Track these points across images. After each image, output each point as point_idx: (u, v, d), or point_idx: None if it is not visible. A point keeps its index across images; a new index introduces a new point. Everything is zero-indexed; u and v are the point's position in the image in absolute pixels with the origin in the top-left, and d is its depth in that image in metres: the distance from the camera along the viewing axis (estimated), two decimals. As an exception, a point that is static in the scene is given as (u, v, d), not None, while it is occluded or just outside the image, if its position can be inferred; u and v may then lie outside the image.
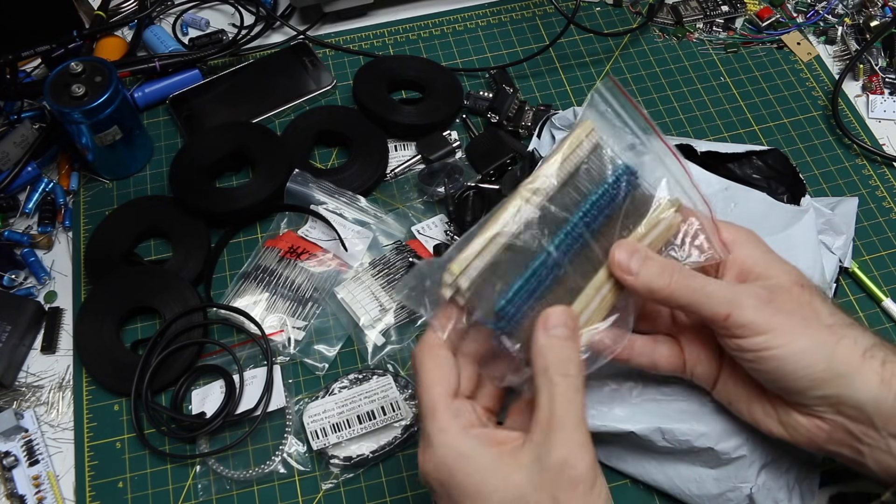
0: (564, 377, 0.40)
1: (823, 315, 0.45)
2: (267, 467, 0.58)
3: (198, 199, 0.68)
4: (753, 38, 0.83)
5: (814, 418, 0.46)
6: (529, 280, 0.43)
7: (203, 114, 0.76)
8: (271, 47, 0.82)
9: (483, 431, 0.41)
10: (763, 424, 0.48)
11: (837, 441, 0.46)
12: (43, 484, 0.58)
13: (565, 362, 0.41)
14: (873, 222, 0.70)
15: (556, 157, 0.45)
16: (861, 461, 0.45)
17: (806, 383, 0.44)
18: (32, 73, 0.80)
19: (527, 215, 0.44)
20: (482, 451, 0.40)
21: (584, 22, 0.83)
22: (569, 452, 0.39)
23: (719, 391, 0.50)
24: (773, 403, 0.47)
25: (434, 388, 0.42)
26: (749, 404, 0.49)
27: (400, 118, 0.74)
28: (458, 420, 0.41)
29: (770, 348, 0.44)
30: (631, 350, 0.49)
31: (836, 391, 0.44)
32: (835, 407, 0.45)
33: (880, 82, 0.79)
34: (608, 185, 0.46)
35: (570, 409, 0.40)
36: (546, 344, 0.41)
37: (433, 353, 0.43)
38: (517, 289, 0.43)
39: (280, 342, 0.63)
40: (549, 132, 0.72)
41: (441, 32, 0.84)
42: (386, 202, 0.72)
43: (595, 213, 0.45)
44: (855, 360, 0.44)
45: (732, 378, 0.49)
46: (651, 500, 0.57)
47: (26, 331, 0.63)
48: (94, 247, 0.67)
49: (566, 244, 0.44)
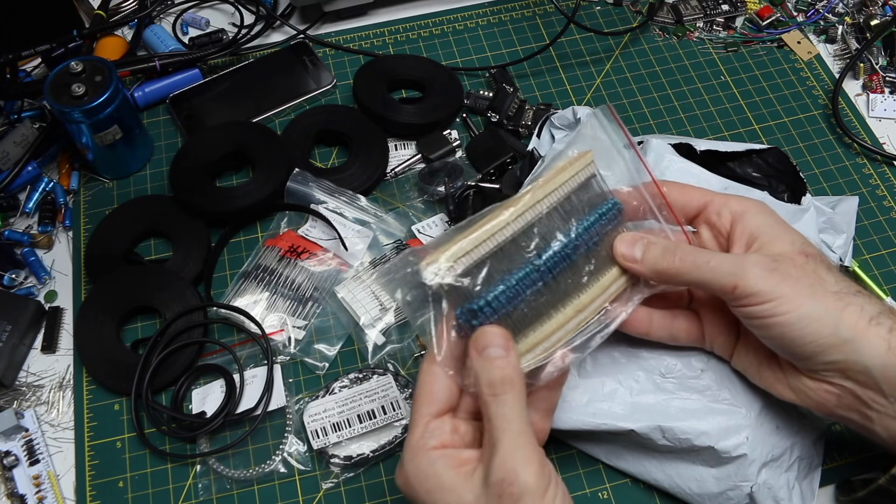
0: (495, 397, 0.42)
1: (829, 282, 0.46)
2: (267, 467, 0.58)
3: (198, 199, 0.68)
4: (754, 36, 0.83)
5: (823, 383, 0.46)
6: (513, 287, 0.44)
7: (203, 113, 0.76)
8: (271, 47, 0.82)
9: (449, 453, 0.43)
10: (775, 389, 0.49)
11: (846, 406, 0.46)
12: (43, 483, 0.58)
13: (497, 383, 0.42)
14: (873, 221, 0.70)
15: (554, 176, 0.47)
16: (870, 427, 0.46)
17: (813, 349, 0.45)
18: (32, 72, 0.80)
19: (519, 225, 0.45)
20: (444, 471, 0.42)
21: (585, 21, 0.83)
22: (506, 469, 0.40)
23: (736, 360, 0.52)
24: (785, 369, 0.48)
25: (419, 406, 0.45)
26: (760, 370, 0.50)
27: (400, 117, 0.74)
28: (431, 440, 0.43)
29: (776, 315, 0.45)
30: (650, 324, 0.51)
31: (843, 357, 0.45)
32: (842, 372, 0.45)
33: (881, 81, 0.79)
34: (599, 214, 0.48)
35: (505, 426, 0.41)
36: (478, 366, 0.43)
37: (430, 370, 0.45)
38: (499, 293, 0.44)
39: (280, 341, 0.63)
40: (549, 131, 0.72)
41: (441, 32, 0.84)
42: (386, 201, 0.72)
43: (586, 238, 0.47)
44: (861, 326, 0.44)
45: (746, 346, 0.51)
46: (651, 499, 0.57)
47: (26, 330, 0.63)
48: (95, 246, 0.67)
49: (553, 261, 0.46)
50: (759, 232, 0.48)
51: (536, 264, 0.45)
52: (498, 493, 0.40)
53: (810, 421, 0.55)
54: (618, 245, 0.48)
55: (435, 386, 0.45)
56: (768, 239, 0.48)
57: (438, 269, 0.43)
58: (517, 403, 0.42)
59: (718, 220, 0.50)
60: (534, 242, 0.46)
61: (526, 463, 0.40)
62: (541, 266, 0.45)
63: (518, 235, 0.45)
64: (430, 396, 0.44)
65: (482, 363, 0.43)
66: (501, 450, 0.41)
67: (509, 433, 0.41)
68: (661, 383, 0.54)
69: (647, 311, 0.51)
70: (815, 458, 0.56)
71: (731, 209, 0.49)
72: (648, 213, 0.51)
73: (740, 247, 0.48)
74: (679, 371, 0.54)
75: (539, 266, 0.45)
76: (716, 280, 0.46)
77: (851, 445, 0.58)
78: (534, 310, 0.46)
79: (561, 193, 0.47)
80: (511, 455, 0.41)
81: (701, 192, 0.51)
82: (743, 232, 0.49)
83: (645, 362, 0.54)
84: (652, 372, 0.54)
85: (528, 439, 0.42)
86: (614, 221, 0.49)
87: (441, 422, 0.44)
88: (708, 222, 0.51)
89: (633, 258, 0.48)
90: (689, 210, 0.51)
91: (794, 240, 0.48)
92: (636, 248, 0.48)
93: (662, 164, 0.61)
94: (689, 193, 0.51)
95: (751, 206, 0.49)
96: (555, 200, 0.47)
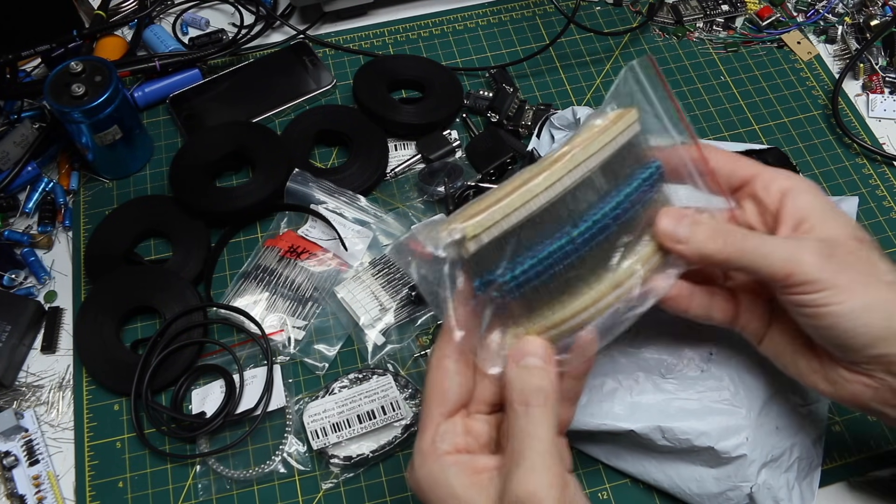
0: (526, 407, 0.40)
1: (883, 272, 0.44)
2: (267, 467, 0.58)
3: (198, 199, 0.68)
4: (753, 37, 0.83)
5: (863, 376, 0.44)
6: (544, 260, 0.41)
7: (203, 113, 0.76)
8: (271, 47, 0.82)
9: (462, 459, 0.41)
10: (808, 379, 0.47)
11: (882, 400, 0.44)
12: (43, 484, 0.58)
13: (530, 392, 0.40)
14: (873, 221, 0.70)
15: (595, 137, 0.42)
16: None
17: (864, 340, 0.43)
18: (32, 72, 0.80)
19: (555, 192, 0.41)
20: (457, 480, 0.40)
21: (584, 21, 0.83)
22: (527, 491, 0.38)
23: (766, 345, 0.49)
24: (821, 359, 0.46)
25: (429, 406, 0.43)
26: (794, 358, 0.47)
27: (400, 118, 0.74)
28: (442, 444, 0.41)
29: (830, 304, 0.42)
30: (690, 301, 0.47)
31: (892, 350, 0.42)
32: (886, 366, 0.43)
33: (880, 81, 0.79)
34: (642, 180, 0.44)
35: (531, 443, 0.39)
36: (514, 375, 0.41)
37: (441, 365, 0.43)
38: (529, 266, 0.41)
39: (280, 342, 0.63)
40: (549, 132, 0.72)
41: (441, 32, 0.84)
42: (386, 202, 0.72)
43: (627, 207, 0.43)
44: None
45: (780, 332, 0.48)
46: (651, 499, 0.57)
47: (26, 330, 0.63)
48: (94, 246, 0.67)
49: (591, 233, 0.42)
50: (809, 212, 0.45)
51: (572, 236, 0.41)
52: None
53: (810, 421, 0.55)
54: (662, 221, 0.44)
55: (446, 383, 0.43)
56: (819, 221, 0.44)
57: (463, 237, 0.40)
58: (547, 420, 0.40)
59: (766, 195, 0.46)
60: (569, 211, 0.41)
61: (549, 487, 0.38)
62: (576, 238, 0.41)
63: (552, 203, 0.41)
64: (441, 395, 0.43)
65: (519, 372, 0.41)
66: (524, 467, 0.39)
67: (535, 451, 0.39)
68: (660, 383, 0.54)
69: (689, 287, 0.47)
70: (815, 459, 0.56)
71: (781, 185, 0.46)
72: (687, 178, 0.46)
73: (788, 227, 0.45)
74: (679, 371, 0.54)
75: (574, 237, 0.41)
76: (768, 266, 0.43)
77: (851, 446, 0.58)
78: (565, 283, 0.42)
79: (601, 157, 0.42)
80: (534, 476, 0.38)
81: (748, 162, 0.48)
82: (792, 211, 0.45)
83: (645, 362, 0.55)
84: (652, 372, 0.54)
85: (555, 460, 0.39)
86: (656, 187, 0.45)
87: (453, 422, 0.42)
88: (754, 197, 0.47)
89: (678, 238, 0.44)
90: (734, 181, 0.47)
91: (847, 222, 0.45)
92: (681, 226, 0.44)
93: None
94: (735, 162, 0.47)
95: (800, 183, 0.46)
96: (594, 165, 0.42)
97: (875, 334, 0.42)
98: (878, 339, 0.42)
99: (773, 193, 0.46)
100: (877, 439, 0.59)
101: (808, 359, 0.47)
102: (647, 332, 0.55)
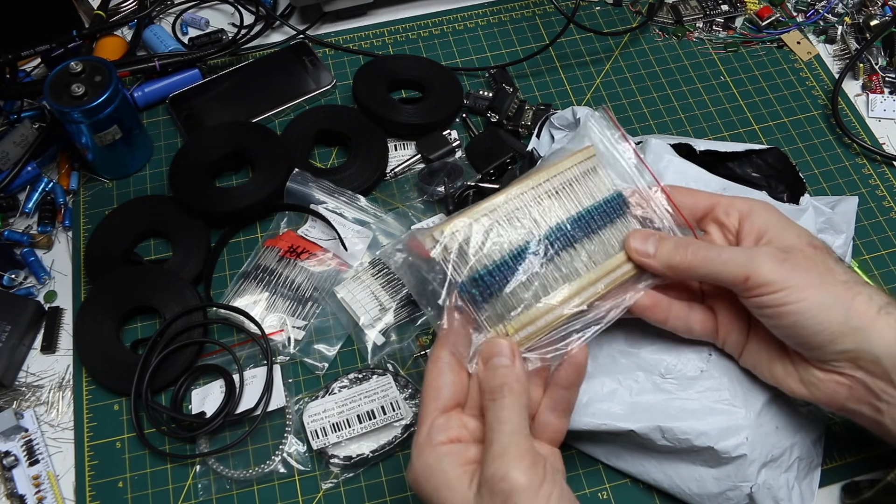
0: (493, 401, 0.44)
1: (838, 273, 0.47)
2: (267, 467, 0.58)
3: (198, 199, 0.68)
4: (753, 37, 0.83)
5: (834, 374, 0.47)
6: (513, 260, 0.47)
7: (203, 113, 0.76)
8: (271, 47, 0.82)
9: (456, 449, 0.44)
10: (785, 384, 0.50)
11: (857, 398, 0.47)
12: (43, 484, 0.58)
13: (496, 389, 0.44)
14: (873, 221, 0.70)
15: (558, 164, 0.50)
16: (880, 420, 0.47)
17: (824, 337, 0.46)
18: (32, 72, 0.80)
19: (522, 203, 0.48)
20: (450, 468, 0.43)
21: (584, 21, 0.83)
22: (496, 466, 0.41)
23: (746, 357, 0.52)
24: (795, 362, 0.49)
25: (426, 402, 0.45)
26: (770, 364, 0.50)
27: (400, 118, 0.74)
28: (438, 436, 0.44)
29: (788, 303, 0.46)
30: (668, 313, 0.52)
31: (854, 345, 0.45)
32: (853, 362, 0.46)
33: (880, 81, 0.79)
34: (603, 200, 0.51)
35: (498, 426, 0.43)
36: (483, 375, 0.45)
37: (435, 366, 0.46)
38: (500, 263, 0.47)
39: (280, 342, 0.63)
40: (549, 132, 0.72)
41: (441, 32, 0.84)
42: (386, 202, 0.72)
43: (586, 220, 0.50)
44: (870, 315, 0.45)
45: (757, 342, 0.51)
46: (651, 499, 0.57)
47: (26, 331, 0.63)
48: (94, 246, 0.67)
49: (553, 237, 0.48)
50: (766, 227, 0.49)
51: (537, 237, 0.48)
52: (490, 490, 0.41)
53: (810, 421, 0.55)
54: (631, 241, 0.50)
55: (441, 381, 0.46)
56: (776, 233, 0.49)
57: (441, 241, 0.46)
58: (514, 406, 0.44)
59: (727, 218, 0.51)
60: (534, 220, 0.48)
61: (516, 460, 0.41)
62: (541, 240, 0.48)
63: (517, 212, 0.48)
64: (436, 392, 0.45)
65: (486, 373, 0.45)
66: (493, 448, 0.42)
67: (502, 433, 0.42)
68: (660, 383, 0.54)
69: (666, 300, 0.52)
70: (815, 459, 0.56)
71: (739, 208, 0.51)
72: (653, 214, 0.52)
73: (749, 242, 0.50)
74: (679, 371, 0.54)
75: (539, 239, 0.48)
76: (728, 272, 0.47)
77: (851, 446, 0.58)
78: (533, 284, 0.47)
79: (563, 179, 0.50)
80: (502, 453, 0.42)
81: (707, 194, 0.53)
82: (751, 228, 0.50)
83: (645, 362, 0.55)
84: (652, 372, 0.54)
85: (520, 438, 0.42)
86: (619, 211, 0.51)
87: (448, 417, 0.45)
88: (717, 221, 0.52)
89: (647, 253, 0.50)
90: (697, 212, 0.53)
91: (801, 233, 0.49)
92: (649, 243, 0.50)
93: (661, 164, 0.61)
94: (695, 196, 0.53)
95: (756, 204, 0.51)
96: (556, 184, 0.50)
97: (835, 330, 0.45)
98: (839, 334, 0.45)
99: (734, 216, 0.51)
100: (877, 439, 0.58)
101: (784, 364, 0.50)
102: (647, 333, 0.55)
